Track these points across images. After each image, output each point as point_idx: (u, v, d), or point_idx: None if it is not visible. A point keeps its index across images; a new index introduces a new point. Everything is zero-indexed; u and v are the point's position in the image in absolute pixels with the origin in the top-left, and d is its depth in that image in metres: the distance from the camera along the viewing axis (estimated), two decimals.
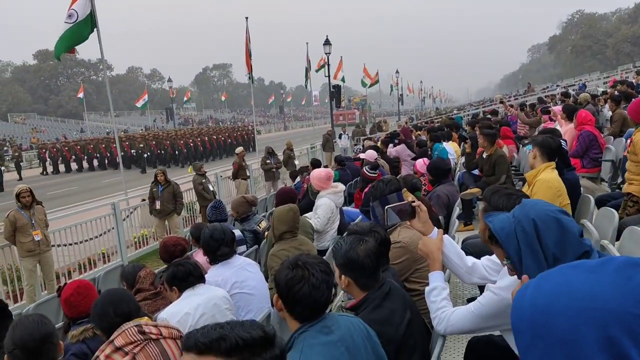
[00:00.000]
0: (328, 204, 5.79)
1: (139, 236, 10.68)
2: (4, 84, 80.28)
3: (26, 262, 7.50)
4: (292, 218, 4.33)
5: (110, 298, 2.55)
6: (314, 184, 5.96)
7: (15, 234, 7.39)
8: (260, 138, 25.92)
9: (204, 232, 3.85)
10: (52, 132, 60.45)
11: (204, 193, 11.30)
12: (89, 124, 54.92)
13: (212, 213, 5.48)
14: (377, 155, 9.27)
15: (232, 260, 3.84)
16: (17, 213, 7.41)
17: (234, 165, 13.49)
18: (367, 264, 2.34)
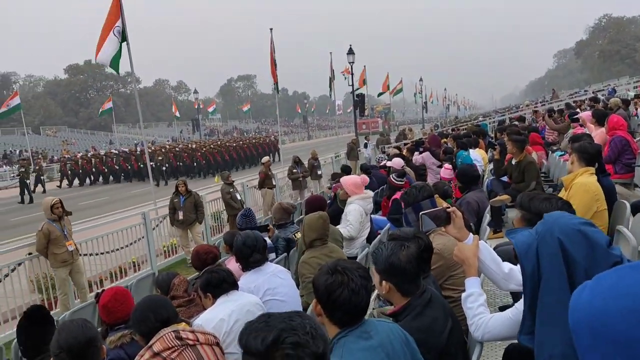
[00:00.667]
0: (358, 209, 5.79)
1: (168, 245, 10.79)
2: (36, 98, 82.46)
3: (60, 272, 7.64)
4: (322, 225, 4.33)
5: (149, 304, 2.58)
6: (348, 190, 5.97)
7: (48, 246, 7.51)
8: (284, 148, 26.00)
9: (237, 239, 3.88)
10: (82, 144, 61.79)
11: (231, 202, 11.38)
12: (117, 136, 55.97)
13: (243, 221, 5.52)
14: (403, 163, 9.21)
15: (264, 267, 3.86)
16: (49, 226, 7.51)
17: (260, 174, 13.57)
18: (409, 269, 2.32)
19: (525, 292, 1.83)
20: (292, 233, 5.71)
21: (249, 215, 5.60)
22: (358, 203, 5.86)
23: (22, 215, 19.91)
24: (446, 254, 3.12)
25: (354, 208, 5.82)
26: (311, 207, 5.32)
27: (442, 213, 2.63)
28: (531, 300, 1.81)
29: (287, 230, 5.74)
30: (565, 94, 41.59)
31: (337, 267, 1.97)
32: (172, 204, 10.37)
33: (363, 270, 1.98)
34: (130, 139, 68.26)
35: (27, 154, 43.83)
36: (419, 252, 2.42)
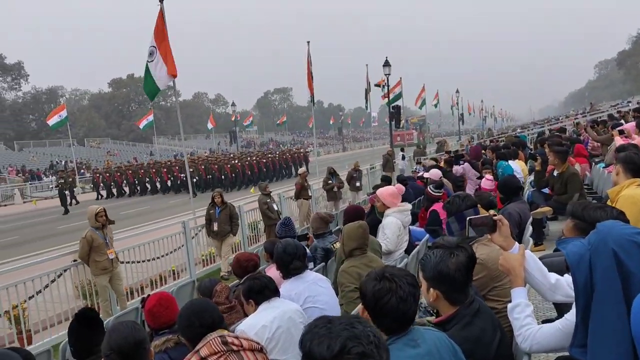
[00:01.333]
0: (395, 222, 5.74)
1: (206, 254, 10.92)
2: (81, 111, 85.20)
3: (101, 279, 7.79)
4: (361, 235, 4.32)
5: (194, 309, 2.62)
6: (385, 200, 5.93)
7: (90, 254, 7.67)
8: (319, 159, 26.03)
9: (277, 247, 3.90)
10: (124, 155, 63.44)
11: (268, 212, 11.45)
12: (157, 147, 57.27)
13: (282, 230, 5.55)
14: (441, 174, 9.12)
15: (304, 275, 3.87)
16: (93, 233, 7.67)
17: (296, 185, 13.64)
18: (458, 277, 2.28)
19: (577, 304, 1.78)
20: (331, 243, 5.69)
21: (289, 224, 5.61)
22: (395, 216, 5.82)
23: (68, 223, 20.51)
24: (490, 265, 3.06)
25: (391, 221, 5.77)
26: (350, 217, 5.31)
27: (488, 221, 2.59)
28: (584, 312, 1.76)
29: (325, 240, 5.72)
30: (606, 105, 40.42)
31: (384, 274, 1.96)
32: (208, 214, 10.46)
33: (411, 278, 1.96)
34: (169, 150, 69.77)
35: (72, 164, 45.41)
36: (468, 261, 2.38)
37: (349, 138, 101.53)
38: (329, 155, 68.27)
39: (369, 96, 28.27)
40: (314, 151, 65.31)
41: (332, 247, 5.66)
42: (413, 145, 38.16)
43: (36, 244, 16.44)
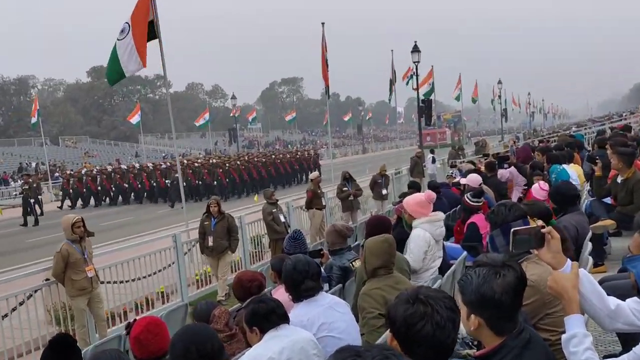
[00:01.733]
0: (422, 235, 5.70)
1: (201, 273, 10.95)
2: (56, 104, 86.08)
3: (77, 302, 7.80)
4: (387, 251, 4.30)
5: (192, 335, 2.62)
6: (412, 211, 5.90)
7: (65, 271, 7.66)
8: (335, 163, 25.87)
9: (286, 264, 3.91)
10: (105, 156, 64.04)
11: (273, 224, 11.44)
12: (144, 148, 57.70)
13: (291, 245, 5.56)
14: (480, 180, 9.08)
15: (318, 297, 3.87)
16: (69, 247, 7.66)
17: (307, 193, 13.65)
18: (505, 302, 2.24)
19: None
20: (349, 261, 5.68)
21: (299, 238, 5.62)
22: (424, 227, 5.77)
23: (39, 237, 20.69)
24: (542, 288, 3.03)
25: (417, 234, 5.74)
26: (373, 230, 5.29)
27: (536, 233, 2.58)
28: None
29: (342, 257, 5.71)
30: None
31: (418, 296, 1.94)
32: (202, 227, 10.42)
33: (450, 301, 1.94)
34: (158, 151, 70.29)
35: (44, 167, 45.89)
36: (517, 282, 2.34)
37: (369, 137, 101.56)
38: (347, 158, 68.34)
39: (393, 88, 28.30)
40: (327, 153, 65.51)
41: (351, 265, 5.64)
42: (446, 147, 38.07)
43: (1, 260, 16.60)
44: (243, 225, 11.73)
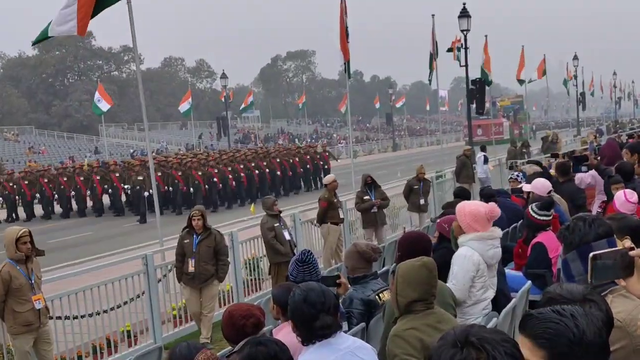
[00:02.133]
0: (469, 256, 5.72)
1: (180, 307, 11.00)
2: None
3: (21, 342, 7.80)
4: (426, 279, 4.30)
5: None
6: (463, 222, 5.90)
7: (6, 300, 7.66)
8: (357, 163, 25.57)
9: (295, 295, 3.90)
10: (55, 152, 64.58)
11: (275, 243, 11.44)
12: (106, 142, 58.03)
13: (298, 270, 5.53)
14: (550, 187, 9.06)
15: (336, 339, 3.85)
16: (11, 269, 7.67)
17: (321, 202, 13.67)
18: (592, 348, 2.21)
19: None
20: (375, 292, 5.67)
21: (309, 261, 5.60)
22: (472, 246, 5.78)
23: None
24: (632, 330, 3.01)
25: (462, 254, 5.76)
26: (408, 250, 5.28)
27: (624, 257, 2.56)
28: None
29: (366, 288, 5.70)
30: None
31: (469, 338, 1.93)
32: (180, 246, 10.30)
33: (512, 346, 1.92)
34: (124, 146, 70.72)
35: None
36: (607, 321, 2.31)
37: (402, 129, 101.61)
38: (372, 157, 68.48)
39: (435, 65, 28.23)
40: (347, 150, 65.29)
41: (377, 298, 5.64)
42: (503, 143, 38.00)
43: None
44: (235, 245, 11.77)
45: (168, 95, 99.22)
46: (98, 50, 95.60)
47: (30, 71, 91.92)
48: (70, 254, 18.60)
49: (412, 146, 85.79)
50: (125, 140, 75.86)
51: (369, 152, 76.99)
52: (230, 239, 11.73)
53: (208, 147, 64.46)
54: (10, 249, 7.72)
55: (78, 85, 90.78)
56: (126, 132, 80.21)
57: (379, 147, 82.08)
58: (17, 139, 68.36)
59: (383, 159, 61.27)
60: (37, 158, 56.90)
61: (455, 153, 24.35)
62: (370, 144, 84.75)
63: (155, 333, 10.00)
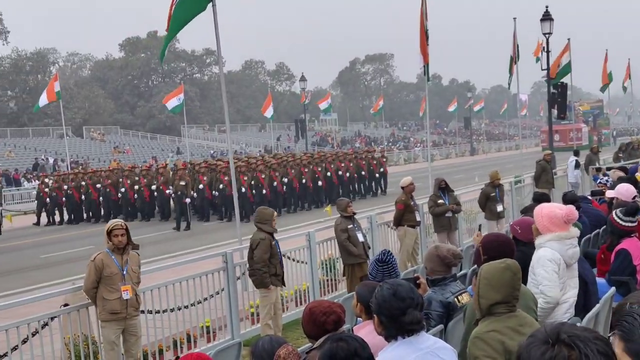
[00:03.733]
0: (550, 256, 5.68)
1: (258, 305, 11.08)
2: (80, 86, 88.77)
3: (108, 330, 8.05)
4: (509, 282, 4.24)
5: None
6: (540, 224, 5.85)
7: (98, 287, 7.96)
8: (435, 167, 25.13)
9: (382, 290, 3.88)
10: (139, 152, 66.04)
11: (348, 245, 11.43)
12: (187, 142, 59.07)
13: (378, 270, 5.56)
14: (635, 193, 8.83)
15: (418, 338, 3.84)
16: (106, 257, 7.99)
17: (397, 205, 13.60)
18: None
19: None
20: (454, 294, 5.65)
21: (389, 261, 5.62)
22: (551, 247, 5.72)
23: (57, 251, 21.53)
24: None
25: (542, 255, 5.69)
26: (491, 252, 5.24)
27: None
28: None
29: (445, 290, 5.68)
30: None
31: (560, 335, 1.90)
32: (266, 248, 9.99)
33: (604, 344, 1.88)
34: (204, 147, 71.83)
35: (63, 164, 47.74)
36: None
37: (481, 133, 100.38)
38: (449, 161, 67.85)
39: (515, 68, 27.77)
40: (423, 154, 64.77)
41: (455, 300, 5.62)
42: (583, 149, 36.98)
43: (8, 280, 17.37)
44: (312, 245, 11.84)
45: (248, 97, 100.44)
46: (181, 53, 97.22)
47: (117, 73, 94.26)
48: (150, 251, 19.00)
49: (490, 150, 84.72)
50: (205, 142, 77.05)
51: (446, 156, 76.34)
52: (308, 239, 11.81)
53: (286, 148, 64.98)
54: (105, 239, 8.09)
55: (162, 87, 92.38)
56: (207, 133, 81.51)
57: (456, 151, 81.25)
58: (103, 139, 70.08)
59: (460, 163, 60.56)
60: (122, 157, 58.28)
61: (534, 158, 23.95)
62: (448, 147, 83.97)
63: (233, 329, 10.13)
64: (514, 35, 26.58)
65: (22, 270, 18.96)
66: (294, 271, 11.76)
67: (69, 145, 47.28)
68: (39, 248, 23.06)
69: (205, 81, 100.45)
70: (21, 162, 53.30)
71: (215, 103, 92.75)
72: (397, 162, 68.43)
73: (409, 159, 71.73)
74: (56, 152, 57.57)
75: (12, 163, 52.58)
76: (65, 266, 18.47)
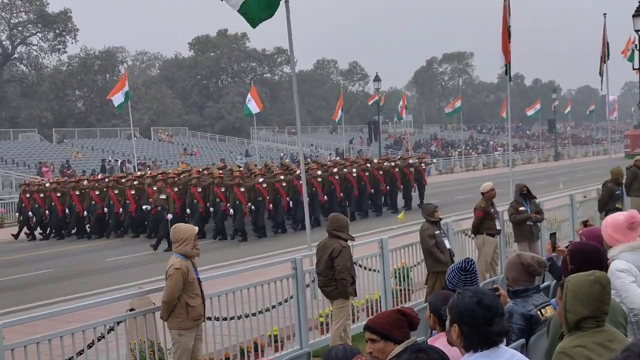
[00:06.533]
0: (624, 267, 5.63)
1: (328, 314, 11.11)
2: (148, 86, 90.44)
3: (187, 338, 8.18)
4: (598, 295, 4.16)
5: None
6: (606, 236, 5.88)
7: (180, 295, 8.07)
8: (515, 172, 24.42)
9: (464, 297, 3.84)
10: (207, 154, 66.82)
11: (436, 252, 11.32)
12: (257, 144, 59.62)
13: (459, 279, 5.52)
14: None
15: (496, 351, 3.82)
16: (185, 263, 8.11)
17: (476, 212, 13.45)
18: None
19: None
20: (537, 307, 5.59)
21: (472, 270, 5.59)
22: (625, 257, 5.69)
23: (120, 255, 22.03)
24: None
25: (616, 267, 5.65)
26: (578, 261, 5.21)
27: None
28: None
29: (527, 302, 5.62)
30: None
31: None
32: (348, 257, 9.97)
33: None
34: (274, 150, 72.38)
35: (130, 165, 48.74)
36: None
37: (566, 137, 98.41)
38: (531, 166, 66.86)
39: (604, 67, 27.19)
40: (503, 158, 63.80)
41: (538, 314, 5.56)
42: None
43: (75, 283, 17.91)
44: (385, 252, 11.81)
45: (319, 98, 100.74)
46: (252, 52, 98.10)
47: (186, 72, 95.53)
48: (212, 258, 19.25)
49: (575, 155, 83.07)
50: (275, 144, 77.59)
51: (528, 160, 75.27)
52: (380, 246, 11.77)
53: (359, 152, 64.92)
54: (188, 244, 8.17)
55: (231, 87, 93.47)
56: (276, 135, 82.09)
57: (539, 155, 79.95)
58: (170, 140, 71.21)
59: (543, 169, 59.63)
60: (190, 160, 59.08)
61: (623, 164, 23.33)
62: (530, 152, 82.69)
63: (302, 339, 10.17)
64: (604, 32, 26.05)
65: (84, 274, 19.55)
66: (365, 280, 11.72)
67: (137, 147, 48.16)
68: (105, 251, 23.53)
69: (275, 81, 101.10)
70: (88, 163, 54.56)
71: (285, 104, 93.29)
72: (476, 167, 67.79)
73: (488, 163, 70.97)
74: (123, 154, 58.78)
75: (80, 164, 53.91)
76: (126, 271, 19.19)
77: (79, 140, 65.50)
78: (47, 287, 17.68)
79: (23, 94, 79.18)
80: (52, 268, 20.40)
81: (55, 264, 21.21)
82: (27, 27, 79.81)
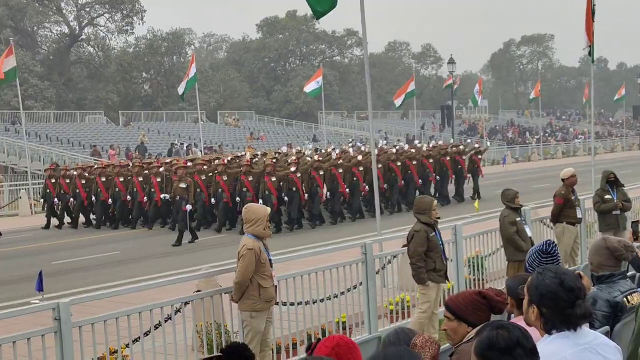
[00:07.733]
0: None
1: (397, 302, 11.11)
2: (215, 69, 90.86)
3: (259, 321, 8.25)
4: None
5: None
6: None
7: (252, 276, 8.14)
8: (596, 160, 23.48)
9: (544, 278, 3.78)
10: (274, 139, 67.14)
11: (517, 239, 11.23)
12: (325, 129, 59.61)
13: (540, 261, 5.43)
14: None
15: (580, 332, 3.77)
16: (255, 243, 8.19)
17: (556, 199, 13.28)
18: None
19: None
20: (623, 293, 5.53)
21: (553, 252, 5.50)
22: None
23: None
24: None
25: None
26: None
27: None
28: None
29: (613, 288, 5.57)
30: None
31: None
32: (425, 241, 9.87)
33: None
34: (342, 135, 72.33)
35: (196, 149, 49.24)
36: None
37: None
38: (614, 155, 65.53)
39: None
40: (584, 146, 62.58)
41: (624, 300, 5.50)
42: None
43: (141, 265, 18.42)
44: (458, 239, 11.75)
45: (390, 82, 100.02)
46: (321, 33, 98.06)
47: (253, 55, 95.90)
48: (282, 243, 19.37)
49: None
50: (343, 129, 77.50)
51: (611, 149, 73.65)
52: (454, 232, 11.70)
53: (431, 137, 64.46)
54: (260, 224, 8.25)
55: (299, 70, 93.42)
56: (345, 120, 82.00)
57: (622, 143, 78.14)
58: (237, 124, 71.59)
59: (627, 158, 58.26)
60: (257, 144, 59.40)
61: None
62: (613, 140, 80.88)
63: (370, 325, 10.17)
64: None
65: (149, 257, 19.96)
66: None
67: (203, 131, 48.65)
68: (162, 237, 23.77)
69: (345, 64, 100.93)
70: (154, 147, 55.24)
71: (355, 88, 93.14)
72: (554, 155, 66.66)
73: (567, 151, 69.74)
74: (189, 137, 59.41)
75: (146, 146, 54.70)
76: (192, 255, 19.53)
77: (145, 123, 66.35)
78: (113, 269, 18.08)
79: (90, 76, 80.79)
80: (118, 250, 20.85)
81: (119, 247, 21.63)
82: (94, 8, 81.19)
